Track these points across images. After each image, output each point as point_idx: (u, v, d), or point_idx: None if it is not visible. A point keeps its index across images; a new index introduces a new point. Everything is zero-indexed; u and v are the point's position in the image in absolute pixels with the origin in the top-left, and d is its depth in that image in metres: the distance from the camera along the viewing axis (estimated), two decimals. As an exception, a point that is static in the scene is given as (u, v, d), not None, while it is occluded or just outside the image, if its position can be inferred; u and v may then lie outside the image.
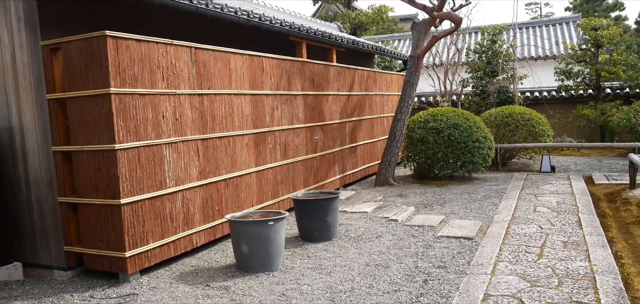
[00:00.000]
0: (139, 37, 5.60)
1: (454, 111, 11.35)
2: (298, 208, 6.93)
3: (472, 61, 18.08)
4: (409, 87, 11.33)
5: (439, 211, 8.29)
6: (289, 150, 8.62)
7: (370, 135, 12.38)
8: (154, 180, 5.82)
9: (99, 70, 5.31)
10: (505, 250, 6.10)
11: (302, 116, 9.08)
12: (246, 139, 7.46)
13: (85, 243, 5.73)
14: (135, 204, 5.57)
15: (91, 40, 5.31)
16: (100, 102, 5.35)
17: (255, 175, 7.65)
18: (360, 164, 11.78)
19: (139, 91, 5.60)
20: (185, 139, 6.27)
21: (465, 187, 10.28)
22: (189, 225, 6.33)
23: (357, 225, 7.58)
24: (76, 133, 5.59)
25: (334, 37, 10.49)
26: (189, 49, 6.35)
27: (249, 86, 7.54)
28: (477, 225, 7.28)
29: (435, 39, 11.84)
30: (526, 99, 17.21)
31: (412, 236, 6.90)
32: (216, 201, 6.81)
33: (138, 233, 5.60)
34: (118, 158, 5.35)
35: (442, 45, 21.55)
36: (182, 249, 6.23)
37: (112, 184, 5.41)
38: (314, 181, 9.48)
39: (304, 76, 9.14)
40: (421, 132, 11.13)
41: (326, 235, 6.82)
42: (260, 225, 5.59)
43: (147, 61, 5.73)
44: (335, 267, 5.77)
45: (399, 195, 9.78)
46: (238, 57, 7.29)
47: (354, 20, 19.29)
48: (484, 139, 10.95)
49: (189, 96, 6.34)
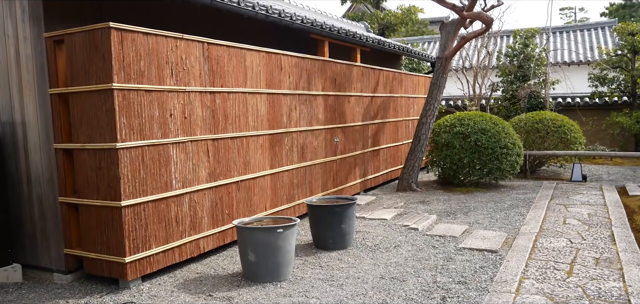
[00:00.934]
0: (146, 30, 5.29)
1: (482, 116, 10.84)
2: (312, 214, 6.56)
3: (502, 65, 17.46)
4: (436, 89, 10.87)
5: (462, 220, 7.83)
6: (306, 152, 8.26)
7: (394, 138, 11.93)
8: (158, 181, 5.51)
9: (102, 64, 5.02)
10: (531, 266, 5.63)
11: (322, 117, 8.71)
12: (261, 140, 7.12)
13: (86, 246, 5.45)
14: (138, 206, 5.27)
15: (95, 32, 5.03)
16: (103, 98, 5.06)
17: (269, 178, 7.31)
18: (383, 168, 11.35)
19: (144, 87, 5.30)
20: (194, 139, 5.95)
21: (491, 195, 9.78)
22: (196, 229, 6.02)
23: (375, 233, 7.18)
24: (78, 130, 5.31)
25: (358, 36, 10.08)
26: (201, 44, 6.04)
27: (266, 85, 7.20)
28: (503, 237, 6.81)
29: (465, 40, 11.36)
30: (558, 105, 16.55)
31: (433, 247, 6.47)
32: (226, 205, 6.48)
33: (140, 237, 5.30)
34: (120, 158, 5.06)
35: (472, 48, 20.94)
36: (188, 254, 5.92)
37: (113, 184, 5.11)
38: (333, 184, 9.10)
39: (325, 76, 8.77)
40: (447, 136, 10.66)
41: (341, 243, 6.43)
42: (269, 232, 5.23)
43: (155, 56, 5.43)
44: (348, 279, 5.38)
45: (421, 202, 9.33)
46: (254, 54, 6.95)
47: (383, 21, 18.78)
48: (513, 145, 10.43)
49: (200, 94, 6.03)
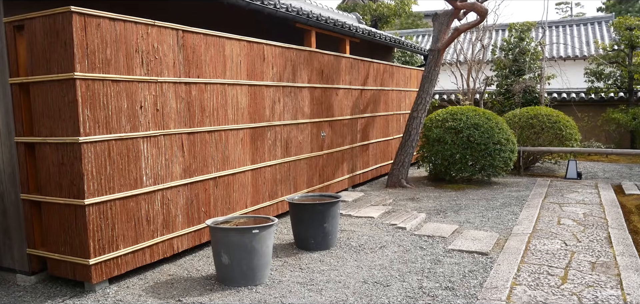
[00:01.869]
0: (112, 16, 4.93)
1: (475, 110, 10.52)
2: (293, 213, 6.22)
3: (497, 59, 17.13)
4: (427, 83, 10.54)
5: (452, 219, 7.52)
6: (291, 147, 7.91)
7: (384, 133, 11.60)
8: (127, 178, 5.16)
9: (63, 51, 4.65)
10: (524, 270, 5.32)
11: (308, 110, 8.36)
12: (241, 134, 6.77)
13: (49, 246, 5.10)
14: (104, 204, 4.92)
15: (55, 17, 4.66)
16: (65, 88, 4.70)
17: (250, 173, 6.97)
18: (372, 163, 11.02)
19: (111, 77, 4.94)
20: (167, 133, 5.60)
21: (483, 193, 9.47)
22: (169, 228, 5.68)
23: (360, 232, 6.85)
24: (40, 123, 4.94)
25: (347, 27, 9.72)
26: (176, 31, 5.68)
27: (247, 76, 6.85)
28: (494, 238, 6.49)
29: (458, 32, 11.02)
30: (553, 100, 16.25)
31: (420, 248, 6.15)
32: (203, 202, 6.14)
33: (106, 237, 4.96)
34: (83, 152, 4.70)
35: (467, 42, 20.61)
36: (160, 255, 5.58)
37: (76, 181, 4.76)
38: (319, 180, 8.77)
39: (311, 67, 8.42)
40: (438, 131, 10.34)
41: (323, 244, 6.11)
42: (243, 233, 4.89)
43: (123, 43, 5.07)
44: (328, 283, 5.05)
45: (410, 199, 9.01)
46: (234, 43, 6.59)
47: (375, 12, 18.45)
48: (506, 141, 10.12)
49: (174, 85, 5.67)
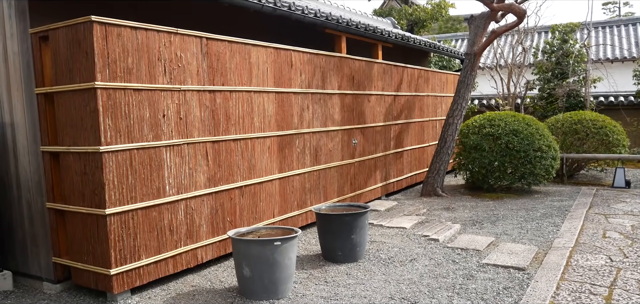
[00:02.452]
0: (134, 24, 4.90)
1: (514, 116, 10.16)
2: (320, 223, 6.07)
3: (539, 62, 16.57)
4: (464, 88, 10.24)
5: (488, 231, 7.22)
6: (320, 155, 7.78)
7: (419, 140, 11.34)
8: (149, 187, 5.12)
9: (85, 61, 4.65)
10: (563, 288, 5.01)
11: (338, 117, 8.21)
12: (268, 142, 6.67)
13: (73, 254, 5.10)
14: (125, 214, 4.89)
15: (77, 27, 4.66)
16: (86, 98, 4.69)
17: (278, 182, 6.86)
18: (407, 171, 10.77)
19: (133, 86, 4.91)
20: (191, 142, 5.55)
21: (523, 202, 9.10)
22: (193, 238, 5.61)
23: (391, 244, 6.65)
24: (63, 132, 4.96)
25: (379, 31, 9.53)
26: (199, 39, 5.62)
27: (274, 83, 6.76)
28: (532, 251, 6.18)
29: (495, 34, 10.67)
30: (599, 104, 15.58)
31: (453, 262, 5.90)
32: (228, 212, 6.06)
33: (128, 247, 4.92)
34: (104, 162, 4.68)
35: (508, 45, 20.09)
36: (183, 265, 5.52)
37: (98, 191, 4.74)
38: (350, 189, 8.59)
39: (341, 73, 8.27)
40: (475, 138, 10.02)
41: (351, 256, 5.93)
42: (264, 246, 4.77)
43: (145, 52, 5.04)
44: (353, 298, 4.87)
45: (445, 208, 8.73)
46: (261, 50, 6.51)
47: (411, 17, 18.16)
48: (548, 148, 9.72)
49: (198, 93, 5.62)
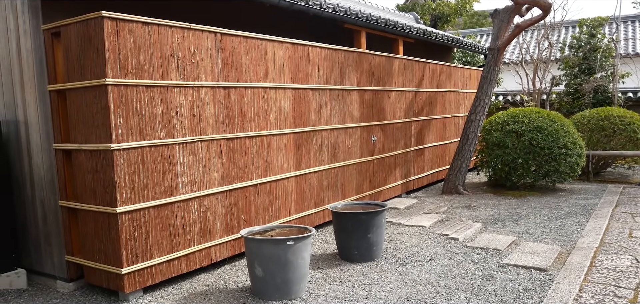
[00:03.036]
0: (146, 20, 4.83)
1: (538, 112, 9.87)
2: (336, 222, 5.94)
3: (565, 57, 16.16)
4: (486, 83, 9.99)
5: (510, 230, 7.00)
6: (339, 152, 7.64)
7: (441, 136, 11.12)
8: (162, 185, 5.04)
9: (96, 57, 4.59)
10: (587, 290, 4.80)
11: (357, 113, 8.06)
12: (284, 139, 6.56)
13: (85, 253, 5.06)
14: (137, 212, 4.82)
15: (88, 22, 4.60)
16: (97, 95, 4.63)
17: (294, 180, 6.74)
18: (428, 168, 10.57)
19: (145, 83, 4.84)
20: (204, 139, 5.46)
21: (546, 201, 8.83)
22: (206, 237, 5.53)
23: (409, 243, 6.48)
24: (75, 129, 4.91)
25: (399, 26, 9.35)
26: (214, 34, 5.53)
27: (291, 79, 6.64)
28: (555, 251, 5.96)
29: (520, 28, 10.38)
30: (627, 100, 15.11)
31: (472, 262, 5.72)
32: (243, 210, 5.97)
33: (139, 246, 4.85)
34: (115, 160, 4.61)
35: (533, 40, 19.66)
36: (197, 264, 5.44)
37: (109, 189, 4.68)
38: (369, 187, 8.44)
39: (360, 69, 8.12)
40: (498, 135, 9.77)
41: (367, 255, 5.79)
42: (277, 245, 4.66)
43: (158, 48, 4.96)
44: (367, 299, 4.73)
45: (466, 206, 8.52)
46: (277, 45, 6.40)
47: (435, 11, 17.89)
48: (573, 145, 9.42)
49: (212, 89, 5.53)
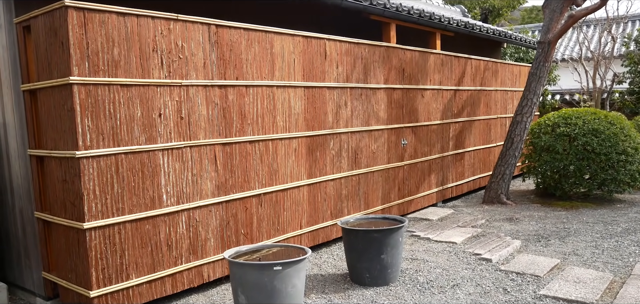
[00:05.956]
0: (121, 10, 4.26)
1: (594, 113, 8.80)
2: (346, 239, 5.22)
3: (630, 53, 14.77)
4: (535, 81, 9.00)
5: (555, 249, 6.07)
6: (361, 157, 6.91)
7: (485, 139, 10.17)
8: (141, 197, 4.48)
9: (61, 53, 4.06)
10: (644, 335, 3.91)
11: (384, 115, 7.30)
12: (294, 143, 5.90)
13: (59, 271, 4.56)
14: (110, 228, 4.27)
15: (53, 13, 4.08)
16: (64, 95, 4.11)
17: (306, 189, 6.07)
18: (468, 174, 9.66)
19: (119, 81, 4.28)
20: (195, 144, 4.86)
21: (601, 214, 7.78)
22: (197, 254, 4.94)
23: (434, 263, 5.69)
24: (46, 134, 4.42)
25: (436, 18, 8.49)
26: (207, 26, 4.92)
27: (303, 77, 5.97)
28: (606, 280, 5.02)
29: (574, 19, 9.30)
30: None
31: (503, 291, 4.87)
32: (243, 223, 5.34)
33: (113, 266, 4.30)
34: (82, 169, 4.07)
35: (596, 35, 18.21)
36: (185, 284, 4.85)
37: (77, 202, 4.15)
38: (398, 195, 7.66)
39: (389, 65, 7.35)
40: (547, 138, 8.77)
41: (381, 278, 5.04)
42: (262, 271, 3.99)
43: (136, 41, 4.39)
44: (371, 336, 4.02)
45: (507, 219, 7.60)
46: (286, 38, 5.74)
47: (485, 4, 16.79)
48: (635, 151, 8.32)
49: (204, 88, 4.93)
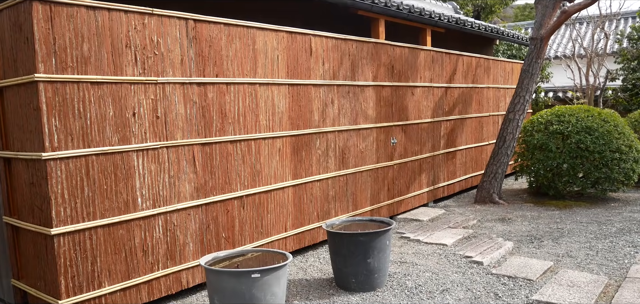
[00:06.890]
0: (91, 3, 4.04)
1: (588, 111, 8.64)
2: (331, 243, 5.01)
3: (623, 49, 14.62)
4: (527, 78, 8.82)
5: (548, 251, 5.90)
6: (348, 157, 6.71)
7: (476, 138, 9.99)
8: (114, 201, 4.26)
9: (26, 49, 3.84)
10: (641, 343, 3.73)
11: (373, 113, 7.10)
12: (278, 143, 5.69)
13: (28, 278, 4.34)
14: (80, 233, 4.05)
15: (17, 7, 3.86)
16: (29, 94, 3.89)
17: (291, 190, 5.87)
18: (460, 173, 9.47)
19: (90, 79, 4.06)
20: (172, 144, 4.65)
21: (595, 213, 7.61)
22: (175, 260, 4.72)
23: (423, 267, 5.49)
24: (13, 134, 4.20)
25: (426, 14, 8.30)
26: (184, 21, 4.70)
27: (287, 74, 5.76)
28: (600, 283, 4.84)
29: (567, 14, 9.12)
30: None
31: (494, 296, 4.68)
32: (224, 227, 5.13)
33: (84, 273, 4.08)
34: (49, 171, 3.85)
35: (589, 33, 18.06)
36: (162, 292, 4.63)
37: (44, 206, 3.93)
38: (387, 196, 7.46)
39: (377, 62, 7.15)
40: (540, 136, 8.59)
41: (367, 284, 4.84)
42: (239, 278, 3.78)
43: (108, 37, 4.17)
44: (355, 346, 3.82)
45: (500, 219, 7.42)
46: (269, 34, 5.53)
47: (477, 2, 16.62)
48: (628, 149, 8.16)
49: (181, 86, 4.71)
